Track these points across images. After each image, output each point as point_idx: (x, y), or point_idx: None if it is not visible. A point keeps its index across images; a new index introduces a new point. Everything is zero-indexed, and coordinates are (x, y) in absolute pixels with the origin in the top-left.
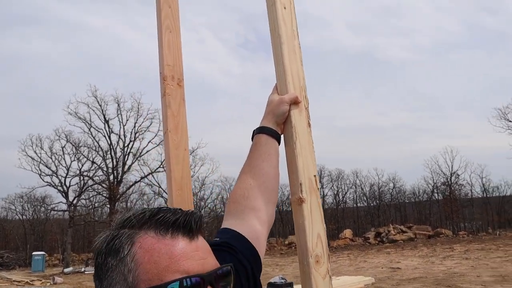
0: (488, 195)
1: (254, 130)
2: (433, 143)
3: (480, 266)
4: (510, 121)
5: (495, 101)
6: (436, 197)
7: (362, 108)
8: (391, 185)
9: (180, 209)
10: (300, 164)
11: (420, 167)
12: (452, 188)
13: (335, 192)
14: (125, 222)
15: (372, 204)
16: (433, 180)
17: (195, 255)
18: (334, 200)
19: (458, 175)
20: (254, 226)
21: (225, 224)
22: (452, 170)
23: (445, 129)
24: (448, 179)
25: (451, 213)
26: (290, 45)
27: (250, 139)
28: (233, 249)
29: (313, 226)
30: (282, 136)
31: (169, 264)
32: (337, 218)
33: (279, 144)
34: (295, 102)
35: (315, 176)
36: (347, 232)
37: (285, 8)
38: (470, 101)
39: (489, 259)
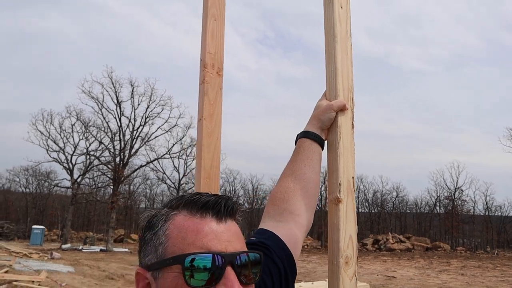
0: (490, 214)
1: (298, 134)
2: (440, 156)
3: (475, 283)
4: None
5: (507, 120)
6: (438, 211)
7: (371, 114)
8: (394, 194)
9: (217, 194)
10: (341, 165)
11: (425, 178)
12: (455, 203)
13: None
14: (167, 202)
15: (373, 211)
16: (437, 193)
17: (220, 236)
18: None
19: (462, 190)
20: (292, 230)
21: (263, 225)
22: (456, 185)
23: (454, 143)
24: (452, 194)
25: (451, 228)
26: (343, 45)
27: (294, 143)
28: (267, 249)
29: (347, 227)
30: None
31: (194, 240)
32: None
33: (322, 150)
34: (342, 110)
35: (353, 178)
36: None
37: (341, 7)
38: (482, 117)
39: (485, 277)
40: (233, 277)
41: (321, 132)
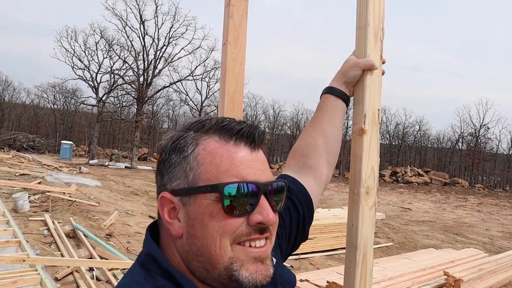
0: None
1: (323, 89)
2: (469, 92)
3: (491, 220)
4: None
5: None
6: (460, 147)
7: (402, 44)
8: (417, 127)
9: (244, 121)
10: (367, 95)
11: (450, 114)
12: (479, 140)
13: None
14: (191, 125)
15: (394, 143)
16: (461, 129)
17: (254, 165)
18: None
19: (488, 128)
20: (310, 183)
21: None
22: (482, 122)
23: (486, 79)
24: (477, 131)
25: (471, 164)
26: None
27: (318, 98)
28: (289, 191)
29: (369, 158)
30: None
31: (228, 168)
32: None
33: (347, 107)
34: (369, 69)
35: (379, 110)
36: None
37: None
38: None
39: (501, 215)
40: (267, 206)
41: (346, 88)
